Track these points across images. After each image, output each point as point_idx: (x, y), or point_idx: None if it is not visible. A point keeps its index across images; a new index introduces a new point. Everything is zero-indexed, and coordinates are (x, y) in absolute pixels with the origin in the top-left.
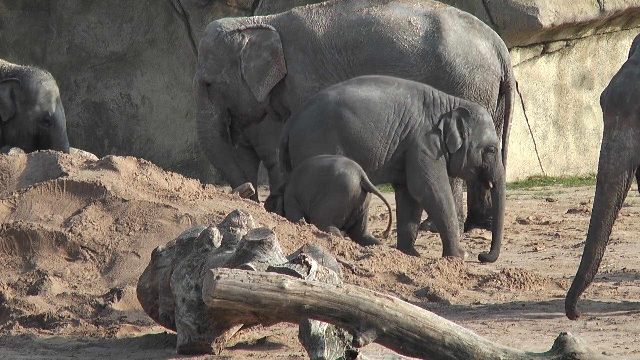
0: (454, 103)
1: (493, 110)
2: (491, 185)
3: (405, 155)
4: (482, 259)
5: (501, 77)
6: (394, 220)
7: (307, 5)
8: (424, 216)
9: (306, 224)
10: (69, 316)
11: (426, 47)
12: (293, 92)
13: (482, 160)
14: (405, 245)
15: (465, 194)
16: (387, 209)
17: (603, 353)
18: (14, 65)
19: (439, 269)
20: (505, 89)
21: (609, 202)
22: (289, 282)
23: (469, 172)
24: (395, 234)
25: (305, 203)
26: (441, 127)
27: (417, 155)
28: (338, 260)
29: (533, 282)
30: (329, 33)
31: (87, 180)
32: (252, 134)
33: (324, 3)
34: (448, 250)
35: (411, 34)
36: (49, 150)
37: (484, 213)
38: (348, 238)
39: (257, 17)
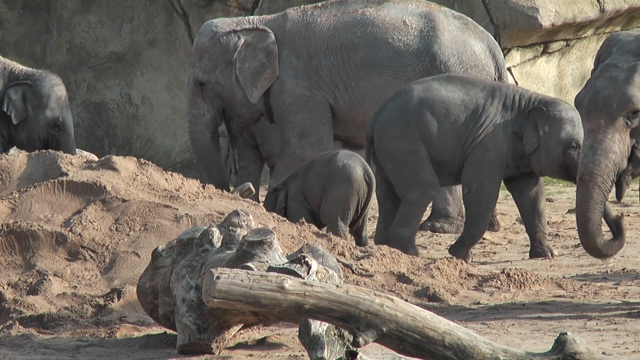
0: (533, 102)
1: None
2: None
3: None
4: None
5: (495, 79)
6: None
7: (302, 6)
8: (424, 216)
9: (306, 224)
10: (69, 316)
11: (421, 47)
12: (280, 96)
13: (564, 157)
14: (540, 248)
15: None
16: None
17: (603, 353)
18: (25, 67)
19: (439, 269)
20: None
21: (597, 198)
22: (289, 282)
23: (553, 169)
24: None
25: (314, 199)
26: (516, 129)
27: (480, 153)
28: (338, 260)
29: (533, 282)
30: (325, 35)
31: (87, 180)
32: (258, 133)
33: (319, 4)
34: (456, 249)
35: (406, 34)
36: (49, 150)
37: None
38: (353, 238)
39: (252, 17)
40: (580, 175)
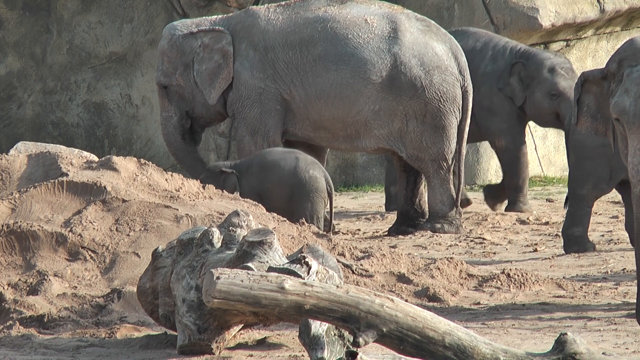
0: None
1: (459, 111)
2: None
3: None
4: None
5: (459, 81)
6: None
7: (267, 5)
8: (424, 217)
9: (306, 224)
10: (69, 316)
11: (382, 46)
12: (237, 89)
13: None
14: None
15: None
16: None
17: (603, 353)
18: None
19: (439, 269)
20: (463, 93)
21: None
22: (289, 283)
23: None
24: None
25: (274, 202)
26: None
27: None
28: (338, 261)
29: (533, 283)
30: (284, 30)
31: (87, 180)
32: None
33: (283, 3)
34: None
35: (367, 32)
36: (49, 150)
37: (412, 215)
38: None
39: (214, 17)
40: None
